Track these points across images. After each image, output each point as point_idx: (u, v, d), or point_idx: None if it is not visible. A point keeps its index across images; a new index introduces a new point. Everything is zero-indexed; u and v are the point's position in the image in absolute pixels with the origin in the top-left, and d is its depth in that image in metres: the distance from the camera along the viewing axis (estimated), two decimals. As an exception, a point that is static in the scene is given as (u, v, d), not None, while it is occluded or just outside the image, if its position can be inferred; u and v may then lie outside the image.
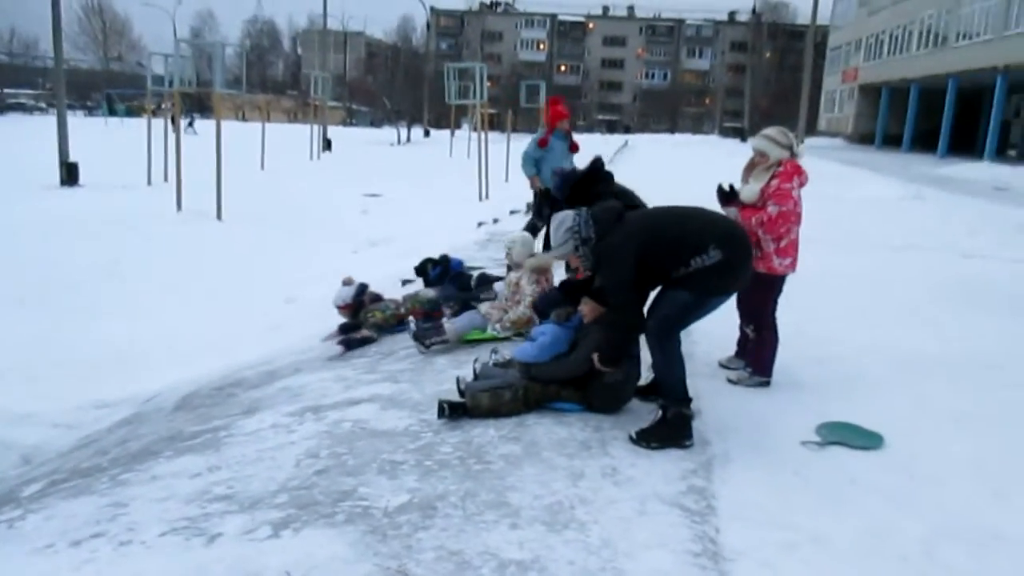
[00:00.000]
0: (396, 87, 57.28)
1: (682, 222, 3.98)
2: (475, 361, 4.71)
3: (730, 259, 3.82)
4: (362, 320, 6.64)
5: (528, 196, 12.39)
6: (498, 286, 6.87)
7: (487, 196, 19.22)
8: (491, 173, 19.88)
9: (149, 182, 20.48)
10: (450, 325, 5.81)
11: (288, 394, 5.10)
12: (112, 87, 63.83)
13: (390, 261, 11.64)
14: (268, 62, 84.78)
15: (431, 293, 7.00)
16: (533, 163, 9.23)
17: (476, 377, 4.53)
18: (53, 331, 8.91)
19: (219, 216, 15.77)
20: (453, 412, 4.11)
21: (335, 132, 44.67)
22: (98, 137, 34.01)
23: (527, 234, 7.09)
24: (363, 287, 7.08)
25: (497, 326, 5.81)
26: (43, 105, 69.49)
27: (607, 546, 3.06)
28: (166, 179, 19.80)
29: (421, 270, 7.89)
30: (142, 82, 62.67)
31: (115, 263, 12.34)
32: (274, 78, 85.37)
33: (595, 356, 4.05)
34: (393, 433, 4.08)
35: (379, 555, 2.91)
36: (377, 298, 7.06)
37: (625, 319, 3.94)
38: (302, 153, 32.71)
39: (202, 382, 6.34)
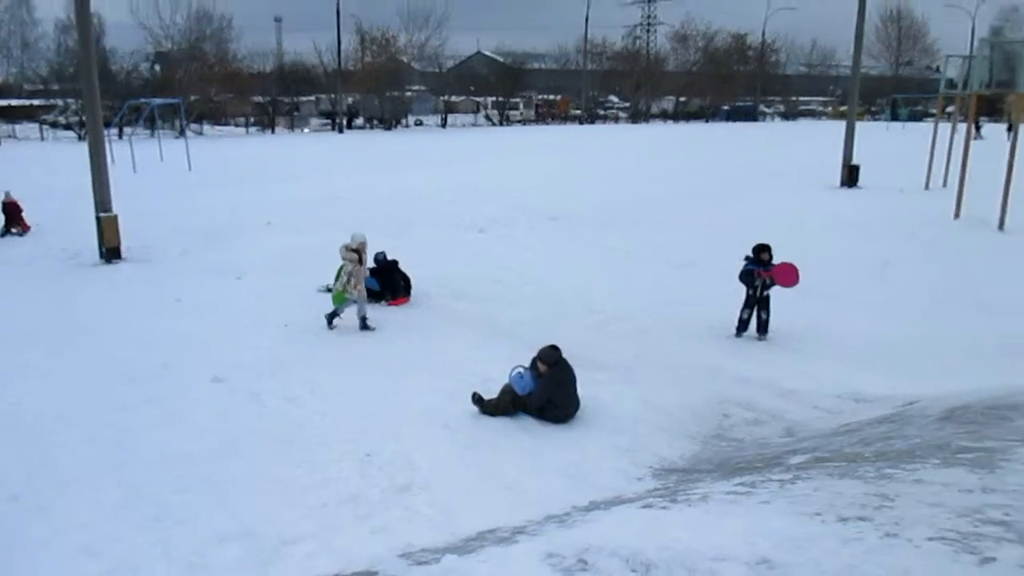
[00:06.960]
0: None
1: None
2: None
3: None
4: None
5: None
6: None
7: None
8: None
9: (927, 186, 20.11)
10: None
11: (1081, 433, 4.43)
12: (898, 92, 63.98)
13: None
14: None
15: None
16: None
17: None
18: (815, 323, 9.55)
19: (1001, 226, 14.56)
20: (477, 403, 6.67)
21: None
22: (878, 141, 34.79)
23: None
24: None
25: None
26: (828, 110, 74.24)
27: None
28: (945, 184, 19.15)
29: None
30: (929, 86, 61.12)
31: (884, 265, 12.52)
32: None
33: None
34: None
35: None
36: None
37: None
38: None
39: (970, 398, 5.97)
